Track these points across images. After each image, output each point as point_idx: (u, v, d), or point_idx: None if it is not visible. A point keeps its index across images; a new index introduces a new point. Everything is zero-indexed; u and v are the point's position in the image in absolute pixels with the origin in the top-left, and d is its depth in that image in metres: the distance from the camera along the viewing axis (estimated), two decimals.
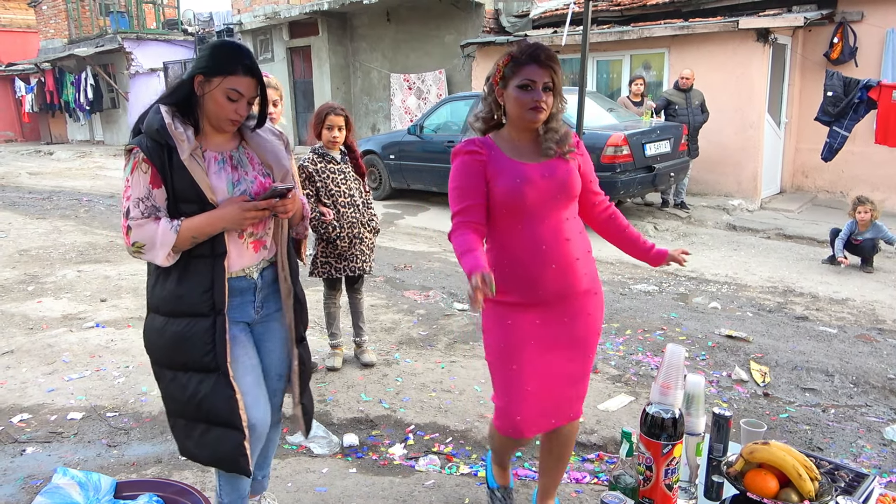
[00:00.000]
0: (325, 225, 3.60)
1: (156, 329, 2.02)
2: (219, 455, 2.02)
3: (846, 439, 3.16)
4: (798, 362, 3.98)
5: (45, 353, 4.19)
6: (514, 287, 2.07)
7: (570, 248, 2.09)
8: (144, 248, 1.88)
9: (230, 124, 1.99)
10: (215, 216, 1.92)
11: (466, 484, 2.74)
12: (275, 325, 2.18)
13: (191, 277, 1.95)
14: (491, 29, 11.65)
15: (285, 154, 2.16)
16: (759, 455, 1.75)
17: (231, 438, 2.00)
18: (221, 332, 1.97)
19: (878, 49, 8.33)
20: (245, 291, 2.08)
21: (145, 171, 1.88)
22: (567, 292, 2.10)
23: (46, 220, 8.71)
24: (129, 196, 1.90)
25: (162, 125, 1.88)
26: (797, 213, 8.44)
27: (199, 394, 1.98)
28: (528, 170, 2.04)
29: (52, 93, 20.79)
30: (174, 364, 2.01)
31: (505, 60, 2.08)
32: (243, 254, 2.05)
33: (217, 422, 2.00)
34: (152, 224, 1.87)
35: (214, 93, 1.91)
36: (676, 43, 8.99)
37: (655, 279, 5.82)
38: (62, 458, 2.97)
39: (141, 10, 19.55)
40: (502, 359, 2.11)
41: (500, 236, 2.10)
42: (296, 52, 14.71)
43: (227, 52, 1.94)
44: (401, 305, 5.08)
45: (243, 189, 2.01)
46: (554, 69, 2.03)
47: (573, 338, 2.13)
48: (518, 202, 2.02)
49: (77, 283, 5.76)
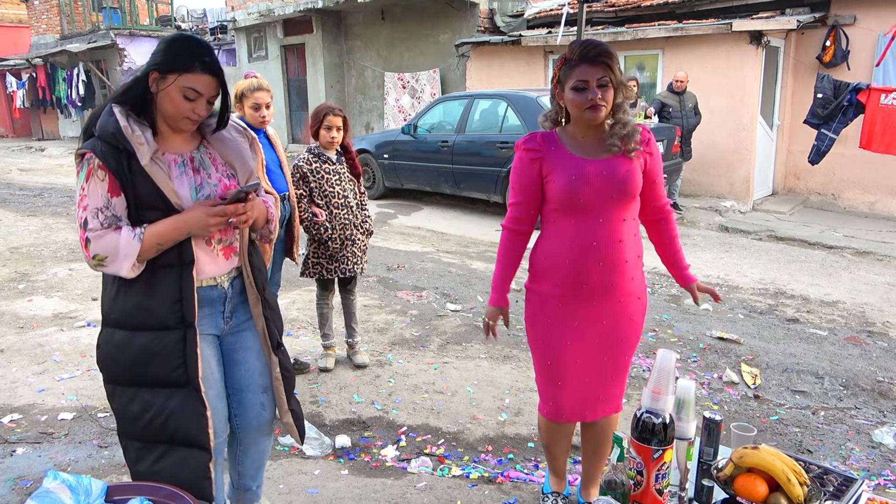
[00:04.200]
0: (316, 226, 3.60)
1: (116, 344, 1.87)
2: (180, 479, 1.83)
3: (836, 442, 3.19)
4: (788, 364, 4.01)
5: (35, 352, 4.17)
6: (560, 278, 2.14)
7: (623, 249, 2.11)
8: (106, 260, 1.75)
9: (188, 123, 1.85)
10: (181, 220, 1.80)
11: (458, 486, 2.75)
12: (247, 334, 2.09)
13: (158, 288, 1.83)
14: (485, 29, 11.66)
15: (250, 153, 2.05)
16: (749, 459, 1.76)
17: (195, 460, 1.88)
18: (192, 345, 1.86)
19: (870, 52, 8.38)
20: (215, 302, 1.97)
21: (102, 178, 1.75)
22: (611, 292, 2.14)
23: (37, 218, 8.66)
24: (85, 206, 1.76)
25: (117, 128, 1.74)
26: (789, 214, 8.49)
27: (166, 411, 1.85)
28: (587, 166, 2.07)
29: (43, 88, 20.64)
30: (137, 381, 1.87)
31: (559, 63, 2.10)
32: (214, 261, 1.94)
33: (182, 441, 1.87)
34: (113, 234, 1.74)
35: (170, 91, 1.78)
36: (670, 44, 9.02)
37: (648, 280, 5.84)
38: (53, 459, 2.95)
39: (134, 5, 19.44)
40: (543, 351, 2.23)
41: (553, 227, 2.17)
42: (290, 49, 14.68)
43: (183, 47, 1.81)
44: (394, 306, 5.08)
45: (207, 193, 1.89)
46: (608, 64, 2.02)
47: (611, 339, 2.19)
48: (574, 198, 2.07)
49: (68, 281, 5.73)
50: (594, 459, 2.44)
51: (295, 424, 2.20)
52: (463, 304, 5.08)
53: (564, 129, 2.17)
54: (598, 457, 2.42)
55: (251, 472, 2.26)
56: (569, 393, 2.22)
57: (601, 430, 2.35)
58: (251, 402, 2.11)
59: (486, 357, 4.11)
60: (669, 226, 2.32)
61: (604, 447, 2.37)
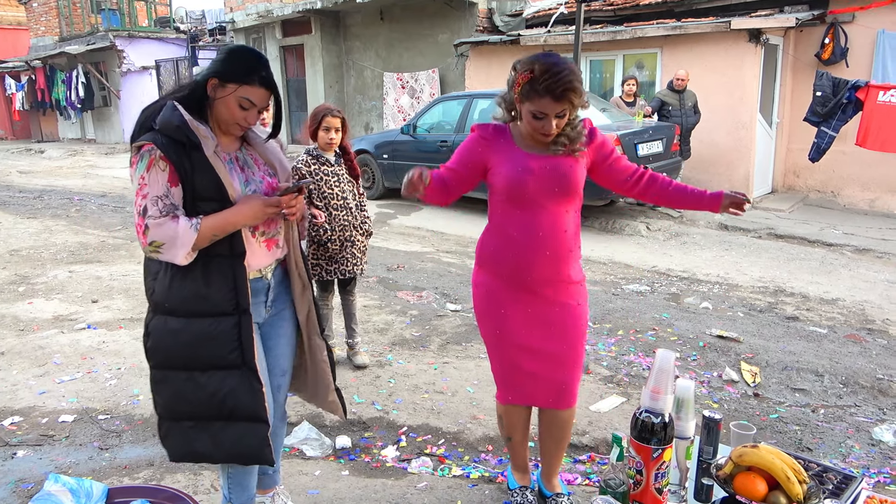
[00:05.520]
0: (316, 227, 3.60)
1: (170, 331, 1.97)
2: (241, 449, 2.02)
3: (835, 439, 3.19)
4: (788, 362, 4.01)
5: (36, 354, 4.17)
6: (507, 268, 2.23)
7: (567, 238, 2.22)
8: (163, 247, 1.84)
9: (238, 129, 2.00)
10: (236, 212, 1.91)
11: (459, 486, 2.75)
12: (281, 322, 2.21)
13: (214, 277, 1.94)
14: (484, 28, 11.66)
15: (284, 156, 2.20)
16: (748, 458, 1.76)
17: (256, 431, 2.02)
18: (248, 329, 1.98)
19: (869, 50, 8.38)
20: (259, 292, 2.10)
21: (163, 168, 1.86)
22: (556, 279, 2.24)
23: (37, 220, 8.67)
24: (145, 194, 1.85)
25: (183, 122, 1.87)
26: (788, 212, 8.49)
27: (223, 390, 1.97)
28: (532, 161, 2.16)
29: (42, 91, 20.62)
30: (192, 364, 1.98)
31: (524, 77, 2.06)
32: (257, 252, 2.06)
33: (241, 416, 2.00)
34: (171, 223, 1.84)
35: (227, 98, 1.90)
36: (669, 43, 9.02)
37: (647, 279, 5.85)
38: (54, 462, 2.96)
39: (133, 7, 19.45)
40: (497, 340, 2.32)
41: (499, 219, 2.25)
42: (289, 50, 14.68)
43: (245, 60, 1.93)
44: (394, 306, 5.09)
45: (253, 189, 2.02)
46: (571, 99, 2.05)
47: (564, 325, 2.28)
48: (519, 190, 2.15)
49: (68, 283, 5.74)
50: (555, 454, 2.50)
51: (340, 402, 2.35)
52: (463, 304, 5.09)
53: (516, 125, 2.25)
54: (559, 451, 2.50)
55: None
56: (526, 378, 2.31)
57: (562, 422, 2.42)
58: (279, 386, 2.25)
59: (486, 357, 4.10)
60: (658, 177, 2.37)
61: (565, 439, 2.47)
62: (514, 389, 2.35)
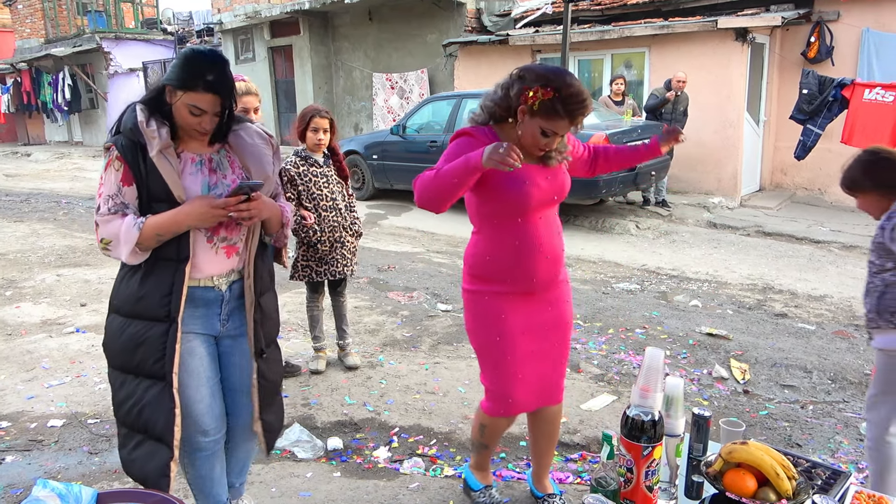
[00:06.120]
0: (305, 229, 3.59)
1: (114, 330, 2.00)
2: (145, 472, 1.99)
3: (824, 435, 3.21)
4: (777, 359, 4.04)
5: (24, 359, 4.14)
6: (509, 278, 2.20)
7: (560, 240, 2.27)
8: (111, 244, 1.89)
9: (197, 134, 1.97)
10: (180, 212, 1.90)
11: (451, 486, 2.75)
12: (243, 339, 2.15)
13: (153, 280, 1.94)
14: (473, 28, 11.67)
15: (269, 158, 2.12)
16: (738, 455, 1.77)
17: (159, 455, 1.97)
18: (173, 340, 1.95)
19: (854, 48, 8.45)
20: (211, 303, 2.05)
21: (117, 168, 1.89)
22: (553, 280, 2.26)
23: (24, 223, 8.60)
24: (100, 193, 1.92)
25: (135, 123, 1.89)
26: (776, 210, 8.55)
27: (143, 401, 1.96)
28: (533, 172, 2.14)
29: (28, 93, 20.46)
30: (126, 367, 1.99)
31: (546, 94, 1.97)
32: (213, 259, 2.01)
33: (152, 434, 1.97)
34: (117, 220, 1.87)
35: (178, 105, 1.89)
36: (657, 42, 9.07)
37: (637, 278, 5.87)
38: (43, 467, 2.94)
39: (119, 9, 19.32)
40: (495, 349, 2.24)
41: (495, 230, 2.20)
42: (277, 51, 14.62)
43: (192, 65, 1.88)
44: (384, 307, 5.08)
45: (219, 192, 1.97)
46: (581, 122, 2.07)
47: (556, 323, 2.30)
48: (524, 202, 2.12)
49: (56, 287, 5.69)
50: (547, 452, 2.52)
51: (264, 436, 2.22)
52: (454, 304, 5.09)
53: (502, 129, 2.14)
54: (551, 448, 2.53)
55: (236, 469, 2.36)
56: (524, 385, 2.27)
57: (553, 416, 2.44)
58: (244, 404, 2.19)
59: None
60: (608, 148, 2.46)
61: (556, 434, 2.50)
62: (508, 402, 2.27)
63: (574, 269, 6.15)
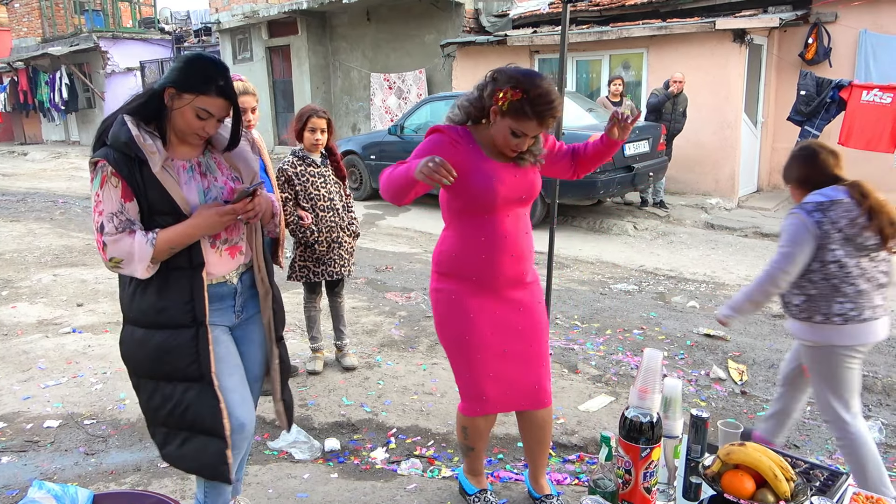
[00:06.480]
0: (303, 229, 3.58)
1: (136, 341, 1.99)
2: (201, 463, 2.03)
3: (822, 437, 3.22)
4: (775, 360, 4.04)
5: (20, 359, 4.12)
6: (474, 273, 2.23)
7: (528, 240, 2.27)
8: (122, 262, 1.85)
9: (197, 139, 1.96)
10: (191, 225, 1.89)
11: (448, 487, 2.74)
12: (253, 327, 2.19)
13: (171, 290, 1.94)
14: (471, 29, 11.66)
15: (252, 155, 2.15)
16: (736, 456, 1.77)
17: (214, 446, 2.00)
18: (204, 342, 1.97)
19: (851, 49, 8.47)
20: (226, 297, 2.08)
21: (115, 184, 1.84)
22: (519, 279, 2.27)
23: (21, 223, 8.57)
24: (101, 211, 1.86)
25: (130, 138, 1.83)
26: (773, 211, 8.56)
27: (184, 402, 1.98)
28: (502, 170, 2.16)
29: (25, 92, 20.43)
30: (157, 374, 1.99)
31: (515, 95, 2.02)
32: (219, 262, 2.04)
33: (200, 430, 2.00)
34: (128, 238, 1.84)
35: (184, 109, 1.86)
36: (655, 43, 9.07)
37: (635, 279, 5.87)
38: (39, 468, 2.92)
39: (116, 8, 19.30)
40: (464, 347, 2.26)
41: (463, 225, 2.24)
42: (275, 51, 14.61)
43: (201, 69, 1.87)
44: (382, 307, 5.08)
45: (214, 196, 1.99)
46: (551, 124, 2.08)
47: (530, 324, 2.30)
48: (491, 198, 2.14)
49: (53, 287, 5.68)
50: (539, 454, 2.51)
51: (285, 413, 2.31)
52: None
53: (477, 129, 2.20)
54: (542, 451, 2.51)
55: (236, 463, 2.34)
56: (497, 384, 2.27)
57: (541, 421, 2.42)
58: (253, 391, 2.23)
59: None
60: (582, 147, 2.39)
61: (547, 438, 2.47)
62: (482, 400, 2.28)
63: (572, 269, 6.15)
